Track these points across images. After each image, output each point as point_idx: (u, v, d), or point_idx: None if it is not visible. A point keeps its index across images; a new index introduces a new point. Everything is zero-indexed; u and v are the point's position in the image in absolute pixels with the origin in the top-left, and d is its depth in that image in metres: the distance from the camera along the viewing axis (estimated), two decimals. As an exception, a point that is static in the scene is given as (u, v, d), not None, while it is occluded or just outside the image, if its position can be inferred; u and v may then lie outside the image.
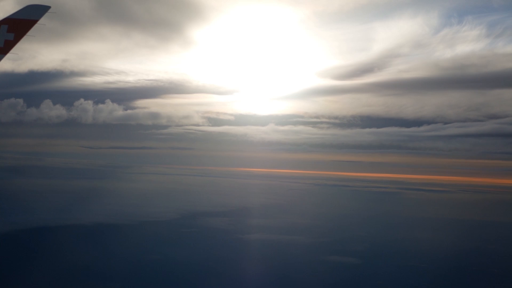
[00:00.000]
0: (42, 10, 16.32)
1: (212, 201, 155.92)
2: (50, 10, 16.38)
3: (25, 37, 16.41)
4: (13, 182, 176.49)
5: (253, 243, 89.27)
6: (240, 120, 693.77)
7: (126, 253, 74.47)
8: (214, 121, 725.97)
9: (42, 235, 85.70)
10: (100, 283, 59.29)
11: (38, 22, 16.32)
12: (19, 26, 16.21)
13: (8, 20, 16.29)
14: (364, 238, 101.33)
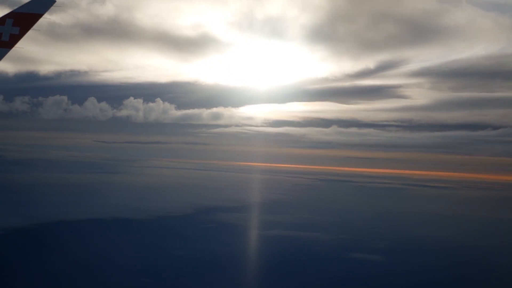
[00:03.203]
0: (47, 3, 15.93)
1: (223, 196, 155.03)
2: (55, 4, 15.98)
3: (30, 31, 16.01)
4: (19, 175, 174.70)
5: (274, 240, 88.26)
6: (307, 122, 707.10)
7: (151, 249, 73.87)
8: (276, 122, 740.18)
9: (59, 229, 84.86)
10: (130, 280, 58.44)
11: (43, 16, 15.94)
12: (24, 20, 15.85)
13: (13, 14, 15.93)
14: (381, 235, 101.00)
